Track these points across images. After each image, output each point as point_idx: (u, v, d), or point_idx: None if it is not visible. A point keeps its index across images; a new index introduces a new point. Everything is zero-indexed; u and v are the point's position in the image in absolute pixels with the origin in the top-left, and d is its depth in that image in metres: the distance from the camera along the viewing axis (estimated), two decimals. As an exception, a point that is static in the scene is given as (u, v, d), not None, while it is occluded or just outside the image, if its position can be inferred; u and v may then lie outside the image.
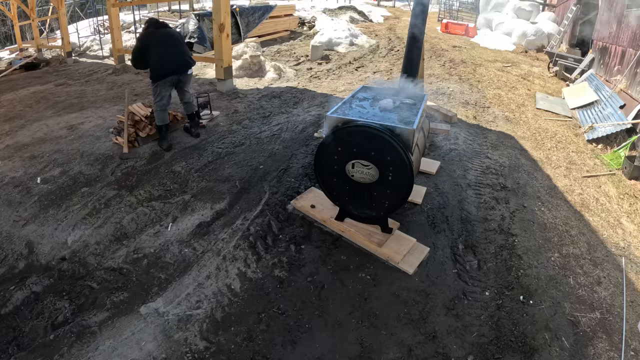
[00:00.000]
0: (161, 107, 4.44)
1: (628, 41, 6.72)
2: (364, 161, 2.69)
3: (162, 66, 4.35)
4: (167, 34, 4.51)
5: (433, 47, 10.71)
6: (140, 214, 3.41)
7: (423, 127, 3.29)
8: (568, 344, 2.35)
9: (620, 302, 2.71)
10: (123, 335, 2.35)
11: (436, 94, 6.62)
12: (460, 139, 4.82)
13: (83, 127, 5.19)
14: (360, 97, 3.35)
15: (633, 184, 4.37)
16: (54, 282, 2.76)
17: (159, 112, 4.45)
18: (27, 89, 7.55)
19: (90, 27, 13.86)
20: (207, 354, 2.23)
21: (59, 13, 10.29)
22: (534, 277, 2.81)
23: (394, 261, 2.80)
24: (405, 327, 2.39)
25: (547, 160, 4.64)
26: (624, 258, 3.14)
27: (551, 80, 8.45)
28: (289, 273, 2.76)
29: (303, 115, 5.54)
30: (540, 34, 11.83)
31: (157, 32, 4.45)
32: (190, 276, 2.77)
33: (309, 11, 15.29)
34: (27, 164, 4.25)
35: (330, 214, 3.17)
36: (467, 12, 18.54)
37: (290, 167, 4.09)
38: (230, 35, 6.59)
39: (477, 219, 3.35)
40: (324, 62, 9.28)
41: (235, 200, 3.58)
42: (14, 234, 3.22)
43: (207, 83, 7.30)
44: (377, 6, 20.40)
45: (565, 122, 6.08)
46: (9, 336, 2.39)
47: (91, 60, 10.41)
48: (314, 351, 2.25)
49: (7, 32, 16.38)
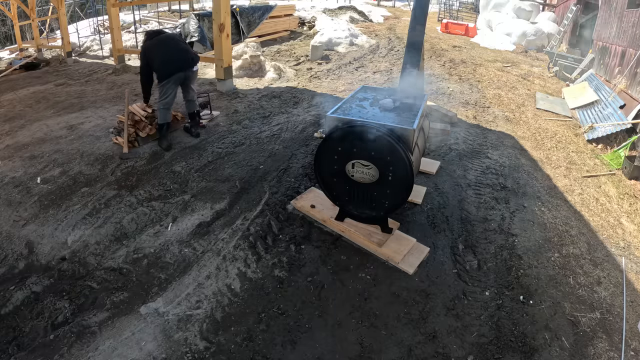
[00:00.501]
0: (165, 105, 4.45)
1: (628, 41, 6.72)
2: (364, 161, 2.69)
3: (167, 66, 4.37)
4: (164, 38, 4.57)
5: (433, 47, 10.71)
6: (140, 214, 3.41)
7: (423, 127, 3.29)
8: (568, 344, 2.35)
9: (620, 302, 2.71)
10: (123, 335, 2.35)
11: (436, 94, 6.62)
12: (460, 139, 4.82)
13: (83, 127, 5.19)
14: (360, 97, 3.35)
15: (633, 184, 4.37)
16: (54, 282, 2.76)
17: (162, 110, 4.46)
18: (27, 89, 7.55)
19: (90, 27, 13.87)
20: (207, 354, 2.23)
21: (59, 13, 10.28)
22: (534, 277, 2.81)
23: (394, 261, 2.80)
24: (405, 327, 2.39)
25: (547, 160, 4.64)
26: (624, 258, 3.14)
27: (551, 80, 8.45)
28: (289, 273, 2.76)
29: (303, 115, 5.54)
30: (540, 34, 11.84)
31: (155, 40, 4.51)
32: (190, 276, 2.77)
33: (309, 11, 15.29)
34: (27, 164, 4.25)
35: (330, 214, 3.17)
36: (467, 12, 18.54)
37: (290, 167, 4.09)
38: (230, 35, 6.59)
39: (477, 219, 3.35)
40: (324, 62, 9.27)
41: (235, 200, 3.58)
42: (14, 234, 3.22)
43: (207, 83, 7.30)
44: (377, 6, 20.40)
45: (565, 122, 6.08)
46: (9, 336, 2.39)
47: (91, 60, 10.41)
48: (314, 351, 2.25)
49: (7, 32, 16.38)
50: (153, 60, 4.40)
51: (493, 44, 11.84)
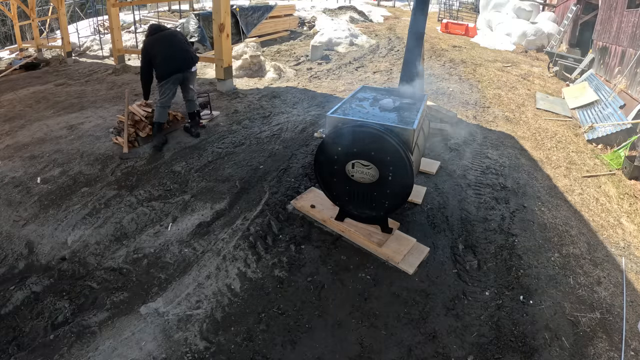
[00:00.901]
0: (162, 105, 4.47)
1: (628, 41, 6.72)
2: (364, 161, 2.69)
3: (166, 65, 4.38)
4: (167, 35, 4.53)
5: (433, 47, 10.71)
6: (140, 214, 3.41)
7: (423, 127, 3.29)
8: (568, 344, 2.35)
9: (620, 302, 2.71)
10: (123, 335, 2.35)
11: (436, 94, 6.62)
12: (460, 139, 4.82)
13: (83, 127, 5.19)
14: (360, 97, 3.35)
15: (633, 184, 4.37)
16: (54, 282, 2.76)
17: (159, 108, 4.48)
18: (27, 89, 7.55)
19: (90, 27, 13.88)
20: (207, 354, 2.23)
21: (59, 13, 10.29)
22: (534, 277, 2.81)
23: (394, 261, 2.80)
24: (405, 327, 2.39)
25: (547, 160, 4.64)
26: (624, 258, 3.14)
27: (551, 80, 8.45)
28: (289, 273, 2.76)
29: (303, 115, 5.54)
30: (540, 34, 11.84)
31: (157, 37, 4.48)
32: (190, 276, 2.77)
33: (309, 11, 15.29)
34: (27, 164, 4.25)
35: (330, 214, 3.17)
36: (467, 12, 18.54)
37: (290, 167, 4.09)
38: (230, 35, 6.60)
39: (477, 219, 3.35)
40: (324, 62, 9.27)
41: (235, 200, 3.58)
42: (14, 234, 3.22)
43: (207, 83, 7.30)
44: (377, 6, 20.41)
45: (565, 122, 6.08)
46: (9, 336, 2.39)
47: (91, 60, 10.41)
48: (314, 351, 2.25)
49: (7, 32, 16.38)
50: (154, 57, 4.39)
51: (493, 44, 11.84)
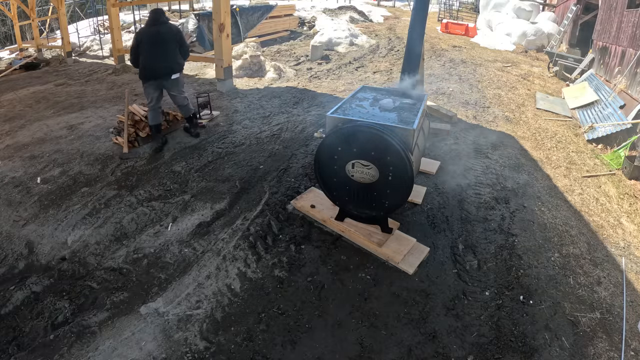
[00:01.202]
0: (150, 107, 4.44)
1: (628, 41, 6.72)
2: (364, 161, 2.69)
3: (143, 68, 4.31)
4: (156, 34, 4.29)
5: (433, 47, 10.71)
6: (140, 214, 3.41)
7: (423, 127, 3.29)
8: (568, 344, 2.35)
9: (620, 302, 2.71)
10: (123, 335, 2.35)
11: (436, 94, 6.62)
12: (460, 139, 4.82)
13: (83, 127, 5.19)
14: (360, 97, 3.35)
15: (633, 184, 4.36)
16: (54, 282, 2.76)
17: (150, 111, 4.47)
18: (27, 89, 7.55)
19: (90, 27, 13.86)
20: (207, 354, 2.23)
21: (59, 13, 10.28)
22: (534, 277, 2.81)
23: (394, 261, 2.80)
24: (405, 327, 2.39)
25: (547, 160, 4.64)
26: (624, 258, 3.14)
27: (551, 80, 8.45)
28: (289, 273, 2.76)
29: (303, 115, 5.54)
30: (540, 34, 11.83)
31: (149, 31, 4.32)
32: (190, 276, 2.77)
33: (309, 11, 15.29)
34: (27, 164, 4.25)
35: (330, 214, 3.17)
36: (467, 12, 18.54)
37: (290, 167, 4.09)
38: (230, 35, 6.60)
39: (477, 219, 3.35)
40: (324, 62, 9.27)
41: (235, 200, 3.58)
42: (14, 234, 3.22)
43: (207, 83, 7.30)
44: (377, 6, 20.40)
45: (565, 122, 6.07)
46: (9, 336, 2.39)
47: (91, 60, 10.41)
48: (314, 351, 2.25)
49: (7, 32, 16.37)
50: (140, 52, 4.31)
51: (493, 44, 11.83)
